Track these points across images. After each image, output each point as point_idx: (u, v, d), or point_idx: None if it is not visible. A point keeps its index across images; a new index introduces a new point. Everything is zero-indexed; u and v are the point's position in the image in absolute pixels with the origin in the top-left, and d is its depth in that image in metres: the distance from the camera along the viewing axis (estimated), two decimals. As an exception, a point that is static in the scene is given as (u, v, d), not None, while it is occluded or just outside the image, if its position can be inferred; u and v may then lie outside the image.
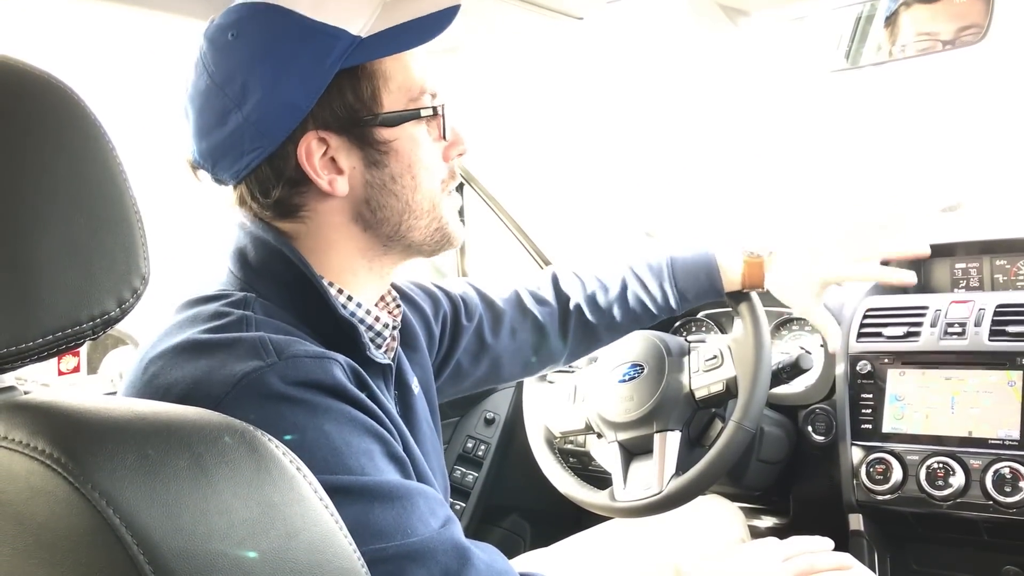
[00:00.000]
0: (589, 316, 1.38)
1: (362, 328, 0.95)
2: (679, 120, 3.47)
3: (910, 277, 1.31)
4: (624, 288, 1.39)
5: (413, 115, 0.93)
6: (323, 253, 0.94)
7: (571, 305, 1.38)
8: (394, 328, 1.01)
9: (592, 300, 1.39)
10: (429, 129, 0.95)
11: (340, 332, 0.90)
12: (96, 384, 1.80)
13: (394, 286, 1.08)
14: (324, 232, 0.94)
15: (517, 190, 2.09)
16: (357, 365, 0.87)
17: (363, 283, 0.97)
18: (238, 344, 0.80)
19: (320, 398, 0.79)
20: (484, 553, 0.85)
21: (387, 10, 0.91)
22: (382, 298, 1.04)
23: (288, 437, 0.67)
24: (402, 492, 0.80)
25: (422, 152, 0.94)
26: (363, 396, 0.83)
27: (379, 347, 0.98)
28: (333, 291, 0.94)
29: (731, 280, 1.38)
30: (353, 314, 0.95)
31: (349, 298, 0.95)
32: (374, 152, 0.92)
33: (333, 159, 0.91)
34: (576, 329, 1.39)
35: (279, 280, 0.91)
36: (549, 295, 1.38)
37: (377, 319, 0.97)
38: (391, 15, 0.91)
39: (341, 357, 0.84)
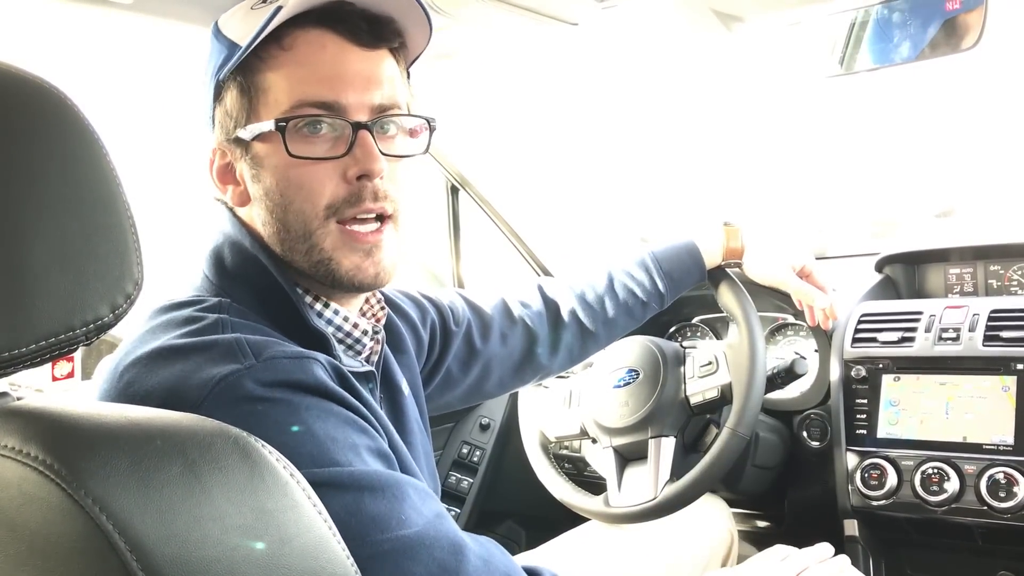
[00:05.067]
0: (582, 315, 1.39)
1: (338, 336, 0.94)
2: (674, 125, 3.47)
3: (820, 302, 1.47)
4: (611, 282, 1.41)
5: (277, 128, 0.86)
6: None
7: (561, 308, 1.39)
8: (376, 333, 1.00)
9: (582, 299, 1.40)
10: (312, 145, 0.87)
11: (313, 342, 0.89)
12: (90, 390, 1.79)
13: (379, 291, 1.06)
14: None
15: (513, 195, 2.09)
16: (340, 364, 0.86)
17: (334, 290, 0.95)
18: (214, 347, 0.79)
19: (300, 397, 0.78)
20: (480, 547, 0.83)
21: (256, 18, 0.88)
22: (367, 300, 1.02)
23: (271, 436, 0.67)
24: (392, 482, 0.79)
25: (295, 170, 0.87)
26: (346, 393, 0.82)
27: (359, 353, 0.97)
28: (308, 299, 0.93)
29: (711, 254, 1.46)
30: (330, 321, 0.94)
31: (326, 304, 0.94)
32: (253, 165, 0.90)
33: (233, 169, 0.93)
34: (570, 330, 1.39)
35: (253, 286, 0.90)
36: (536, 301, 1.39)
37: (356, 325, 0.96)
38: (257, 23, 0.86)
39: (322, 356, 0.83)
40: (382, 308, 1.04)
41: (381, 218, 0.91)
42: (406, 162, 0.94)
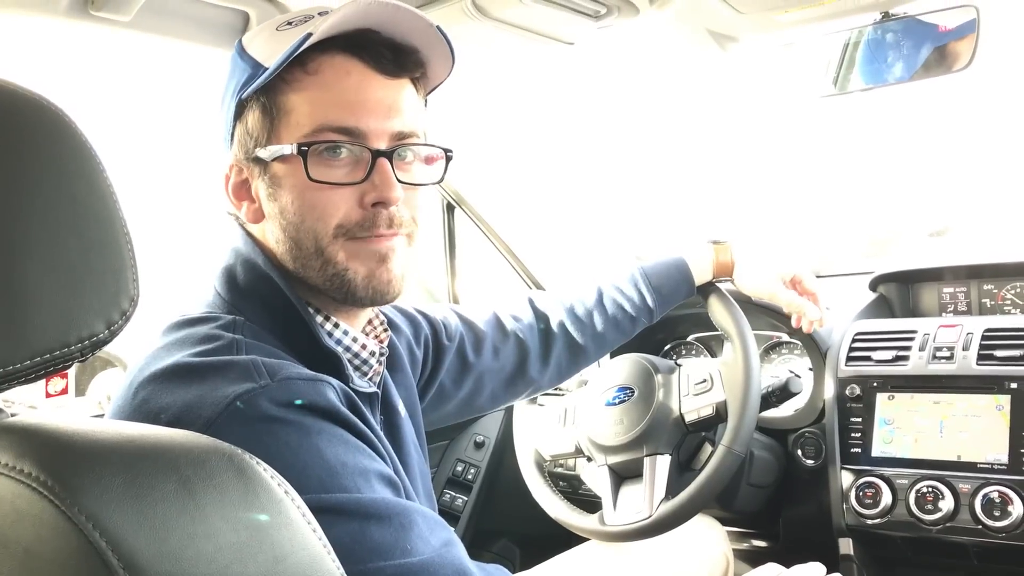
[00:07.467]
0: (571, 329, 1.40)
1: (347, 356, 0.94)
2: (669, 143, 3.49)
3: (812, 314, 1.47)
4: (601, 296, 1.42)
5: (299, 153, 0.87)
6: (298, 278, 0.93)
7: (552, 322, 1.40)
8: (381, 355, 1.00)
9: (572, 313, 1.40)
10: (332, 169, 0.88)
11: (325, 361, 0.90)
12: (84, 406, 1.79)
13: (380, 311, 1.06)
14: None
15: (508, 212, 2.09)
16: (348, 389, 0.86)
17: (344, 310, 0.96)
18: (230, 367, 0.80)
19: (313, 419, 0.78)
20: None
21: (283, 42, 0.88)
22: (369, 322, 1.03)
23: (282, 457, 0.66)
24: (399, 510, 0.79)
25: (313, 193, 0.88)
26: (356, 419, 0.83)
27: (365, 374, 0.97)
28: (319, 318, 0.94)
29: (701, 270, 1.46)
30: (339, 342, 0.94)
31: (336, 325, 0.95)
32: (270, 184, 0.90)
33: (249, 187, 0.93)
34: (560, 344, 1.40)
35: (266, 305, 0.91)
36: (528, 315, 1.40)
37: (364, 347, 0.96)
38: (283, 45, 0.87)
39: (335, 381, 0.84)
40: (385, 330, 1.04)
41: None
42: (421, 188, 0.95)
